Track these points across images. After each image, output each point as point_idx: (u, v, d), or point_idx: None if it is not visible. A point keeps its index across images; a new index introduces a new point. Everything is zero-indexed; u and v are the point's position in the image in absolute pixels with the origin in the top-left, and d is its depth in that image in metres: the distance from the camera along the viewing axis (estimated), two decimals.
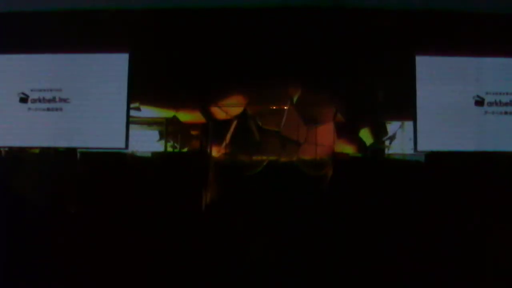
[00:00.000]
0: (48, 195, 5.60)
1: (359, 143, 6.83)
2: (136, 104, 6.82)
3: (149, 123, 7.09)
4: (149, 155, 6.37)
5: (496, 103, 6.60)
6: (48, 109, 6.66)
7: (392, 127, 7.04)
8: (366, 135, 6.83)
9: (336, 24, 6.37)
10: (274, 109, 6.96)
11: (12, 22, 6.66)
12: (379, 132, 6.83)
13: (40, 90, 6.66)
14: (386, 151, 6.78)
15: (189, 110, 6.97)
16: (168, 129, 7.00)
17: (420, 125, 6.55)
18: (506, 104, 6.60)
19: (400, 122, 7.04)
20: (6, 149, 6.38)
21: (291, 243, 5.55)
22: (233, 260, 5.48)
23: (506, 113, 6.59)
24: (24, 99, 6.68)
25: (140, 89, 6.78)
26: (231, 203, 5.85)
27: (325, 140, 6.82)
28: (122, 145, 6.54)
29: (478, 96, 6.60)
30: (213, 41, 6.60)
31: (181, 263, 5.45)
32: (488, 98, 6.60)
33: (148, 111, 7.02)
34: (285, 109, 6.92)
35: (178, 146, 6.89)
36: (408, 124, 6.87)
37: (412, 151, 6.59)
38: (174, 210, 5.68)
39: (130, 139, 6.57)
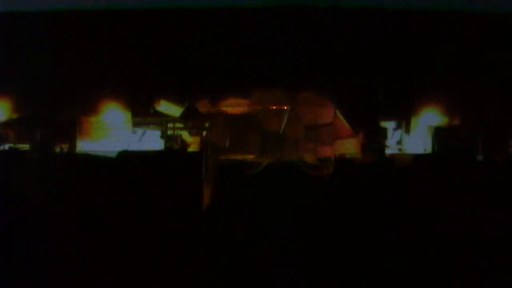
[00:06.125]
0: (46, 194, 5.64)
1: (359, 143, 6.82)
2: None
3: (150, 123, 7.11)
4: (150, 154, 6.37)
5: None
6: None
7: (392, 127, 7.04)
8: (366, 135, 6.82)
9: (334, 24, 6.39)
10: (274, 109, 6.95)
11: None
12: (379, 132, 6.81)
13: None
14: (386, 150, 6.76)
15: (189, 110, 6.97)
16: (168, 129, 7.00)
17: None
18: None
19: (400, 122, 7.04)
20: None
21: (291, 243, 5.54)
22: (233, 260, 5.47)
23: None
24: None
25: (139, 89, 6.83)
26: (230, 203, 5.83)
27: (325, 140, 6.81)
28: None
29: None
30: (212, 41, 6.63)
31: (180, 263, 5.45)
32: None
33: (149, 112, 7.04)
34: (285, 109, 6.90)
35: (178, 146, 6.88)
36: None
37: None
38: (173, 210, 5.68)
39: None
